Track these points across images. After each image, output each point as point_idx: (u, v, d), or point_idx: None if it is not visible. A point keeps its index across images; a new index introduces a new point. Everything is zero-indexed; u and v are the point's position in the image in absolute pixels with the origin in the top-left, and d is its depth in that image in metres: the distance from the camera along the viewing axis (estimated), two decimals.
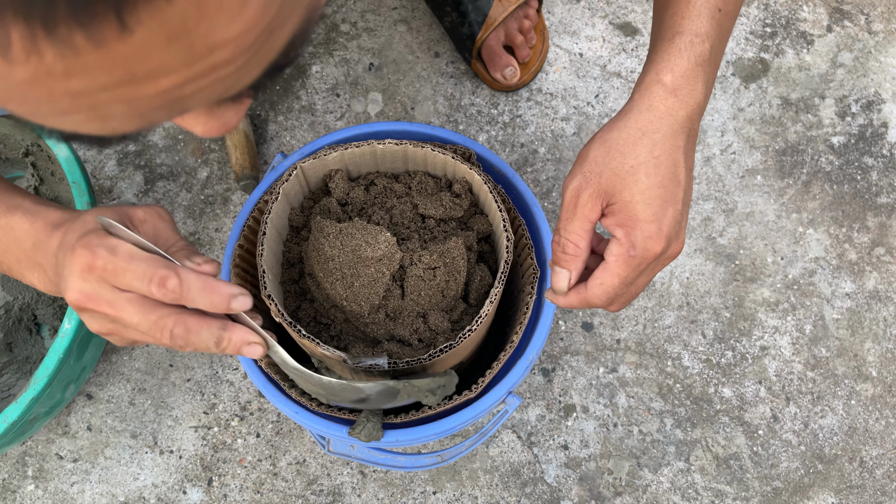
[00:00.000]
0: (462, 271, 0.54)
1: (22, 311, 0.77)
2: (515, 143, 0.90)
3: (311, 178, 0.60)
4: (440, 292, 0.54)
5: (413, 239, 0.56)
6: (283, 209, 0.58)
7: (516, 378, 0.56)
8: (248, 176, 0.85)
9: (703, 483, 0.79)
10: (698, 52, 0.44)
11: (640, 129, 0.45)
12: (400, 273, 0.54)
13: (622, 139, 0.45)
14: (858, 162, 0.90)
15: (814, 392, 0.82)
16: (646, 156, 0.44)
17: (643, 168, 0.44)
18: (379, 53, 0.94)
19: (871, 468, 0.80)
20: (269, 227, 0.55)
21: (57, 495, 0.78)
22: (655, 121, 0.45)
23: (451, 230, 0.58)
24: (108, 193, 0.88)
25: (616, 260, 0.45)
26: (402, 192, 0.60)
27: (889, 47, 0.95)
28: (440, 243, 0.55)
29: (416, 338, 0.55)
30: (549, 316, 0.57)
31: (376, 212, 0.58)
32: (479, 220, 0.59)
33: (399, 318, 0.55)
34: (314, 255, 0.54)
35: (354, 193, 0.59)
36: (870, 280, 0.86)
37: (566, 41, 0.95)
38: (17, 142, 0.78)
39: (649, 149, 0.44)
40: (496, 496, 0.78)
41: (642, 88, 0.45)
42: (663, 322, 0.84)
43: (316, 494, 0.78)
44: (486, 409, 0.56)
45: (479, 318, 0.52)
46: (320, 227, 0.54)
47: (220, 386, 0.81)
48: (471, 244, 0.57)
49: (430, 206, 0.58)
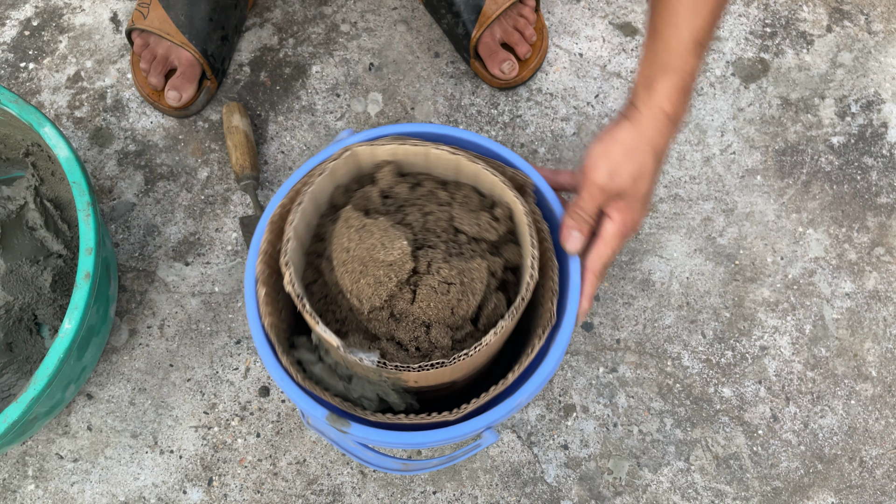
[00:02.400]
0: (478, 294, 0.54)
1: (22, 311, 0.77)
2: (515, 143, 0.90)
3: (363, 162, 0.59)
4: (450, 308, 0.54)
5: (439, 249, 0.55)
6: (327, 185, 0.58)
7: (498, 416, 0.55)
8: (248, 176, 0.85)
9: (702, 483, 0.79)
10: (688, 86, 0.56)
11: (651, 144, 0.57)
12: (415, 279, 0.54)
13: (639, 150, 0.56)
14: (858, 162, 0.90)
15: (814, 392, 0.82)
16: (653, 165, 0.57)
17: (650, 174, 0.57)
18: (379, 53, 0.94)
19: (871, 468, 0.80)
20: (307, 198, 0.56)
21: (57, 495, 0.78)
22: (660, 139, 0.57)
23: (481, 251, 0.57)
24: (109, 193, 0.88)
25: (613, 236, 0.58)
26: (445, 200, 0.59)
27: (889, 47, 0.95)
28: (464, 261, 0.55)
29: (415, 345, 0.54)
30: (550, 367, 0.56)
31: (413, 213, 0.57)
32: (511, 250, 0.58)
33: (403, 321, 0.54)
34: (335, 240, 0.55)
35: (399, 189, 0.59)
36: (870, 280, 0.86)
37: (566, 41, 0.95)
38: (18, 142, 0.78)
39: (655, 160, 0.57)
40: (496, 496, 0.78)
41: (650, 108, 0.56)
42: (663, 322, 0.84)
43: (316, 494, 0.78)
44: (458, 436, 0.55)
45: (479, 344, 0.51)
46: (347, 216, 0.55)
47: (220, 386, 0.81)
48: (495, 270, 0.56)
49: (467, 221, 0.57)
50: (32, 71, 0.93)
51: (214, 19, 0.88)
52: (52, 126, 0.69)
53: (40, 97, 0.91)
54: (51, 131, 0.69)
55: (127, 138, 0.90)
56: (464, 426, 0.55)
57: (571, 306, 0.57)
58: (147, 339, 0.83)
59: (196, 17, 0.87)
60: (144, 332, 0.83)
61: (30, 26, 0.95)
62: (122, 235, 0.86)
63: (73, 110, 0.91)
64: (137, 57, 0.90)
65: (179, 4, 0.86)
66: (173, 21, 0.86)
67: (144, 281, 0.84)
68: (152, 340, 0.83)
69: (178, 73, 0.87)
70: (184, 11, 0.86)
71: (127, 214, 0.87)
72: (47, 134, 0.69)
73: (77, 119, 0.91)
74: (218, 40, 0.89)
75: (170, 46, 0.88)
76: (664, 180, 0.89)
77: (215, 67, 0.89)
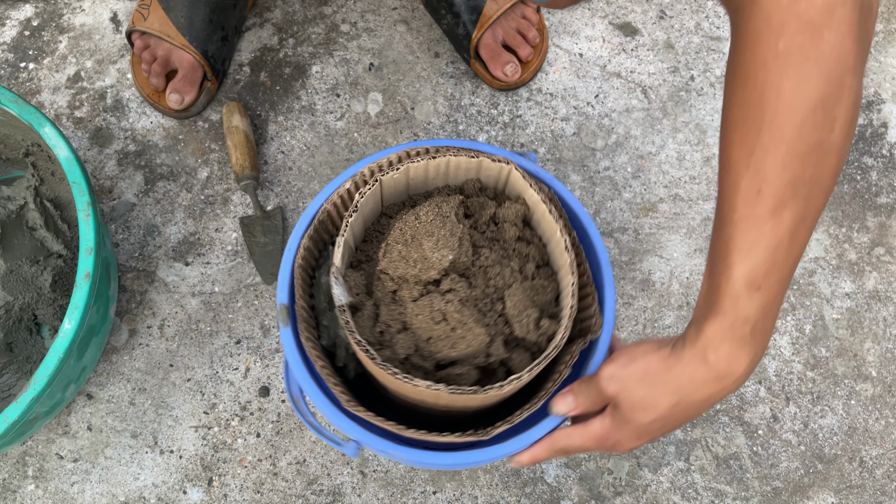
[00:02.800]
0: (471, 333, 0.54)
1: (22, 311, 0.77)
2: (515, 143, 0.90)
3: (413, 181, 0.60)
4: (450, 330, 0.54)
5: (476, 281, 0.55)
6: (375, 195, 0.59)
7: (532, 438, 0.55)
8: (248, 176, 0.85)
9: (702, 483, 0.79)
10: (743, 335, 0.45)
11: (674, 387, 0.48)
12: (445, 293, 0.54)
13: (659, 384, 0.48)
14: (858, 162, 0.90)
15: (814, 392, 0.82)
16: (666, 410, 0.48)
17: (659, 418, 0.49)
18: (379, 53, 0.94)
19: (871, 468, 0.80)
20: (363, 201, 0.57)
21: (57, 495, 0.78)
22: (690, 391, 0.47)
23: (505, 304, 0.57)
24: (109, 193, 0.88)
25: (583, 432, 0.52)
26: (517, 251, 0.58)
27: (889, 47, 0.95)
28: (482, 311, 0.54)
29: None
30: (545, 428, 0.55)
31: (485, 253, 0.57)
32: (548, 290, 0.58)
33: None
34: (398, 225, 0.56)
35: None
36: (869, 280, 0.86)
37: (566, 41, 0.95)
38: (18, 142, 0.78)
39: (670, 405, 0.48)
40: (496, 496, 0.78)
41: (694, 352, 0.46)
42: (663, 322, 0.84)
43: (316, 494, 0.78)
44: (491, 458, 0.55)
45: (460, 388, 0.51)
46: (417, 213, 0.56)
47: (220, 386, 0.81)
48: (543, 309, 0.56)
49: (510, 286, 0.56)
50: (32, 71, 0.93)
51: (214, 20, 0.88)
52: (52, 126, 0.69)
53: (40, 97, 0.91)
54: (51, 131, 0.69)
55: (127, 138, 0.90)
56: (497, 448, 0.54)
57: (606, 329, 0.56)
58: (147, 339, 0.83)
59: (196, 19, 0.87)
60: (144, 332, 0.83)
61: (30, 26, 0.95)
62: (122, 235, 0.86)
63: (73, 110, 0.91)
64: (137, 58, 0.90)
65: (179, 6, 0.86)
66: (173, 23, 0.86)
67: (144, 281, 0.84)
68: (152, 340, 0.83)
69: (180, 76, 0.87)
70: (184, 13, 0.86)
71: (127, 214, 0.87)
72: (47, 134, 0.69)
73: (77, 119, 0.91)
74: (218, 41, 0.89)
75: (170, 48, 0.88)
76: (664, 180, 0.89)
77: (216, 68, 0.89)
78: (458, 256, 0.54)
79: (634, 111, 0.92)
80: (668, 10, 0.96)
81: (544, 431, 0.54)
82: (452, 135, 0.90)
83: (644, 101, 0.92)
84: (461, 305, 0.53)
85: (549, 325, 0.54)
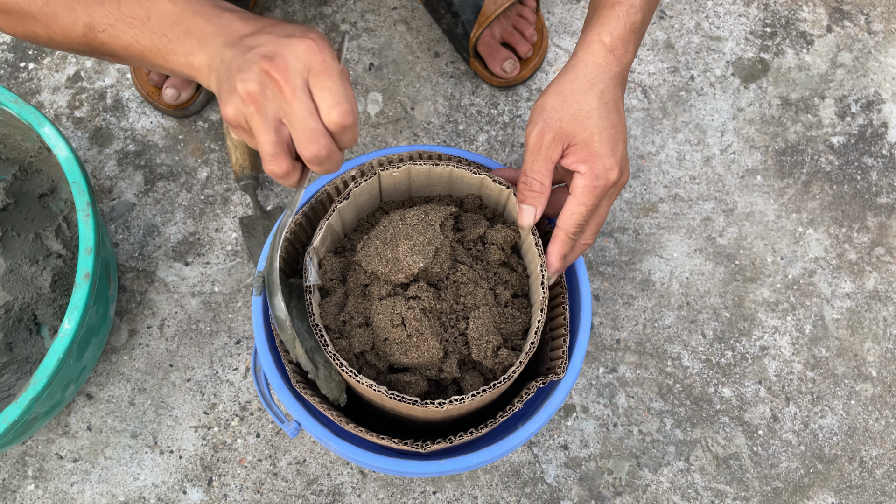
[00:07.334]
0: (432, 344, 0.54)
1: (22, 311, 0.77)
2: (515, 142, 0.90)
3: (415, 183, 0.60)
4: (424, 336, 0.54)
5: (447, 289, 0.55)
6: (372, 187, 0.59)
7: (499, 452, 0.55)
8: (247, 176, 0.85)
9: (702, 483, 0.79)
10: (632, 20, 0.53)
11: (588, 80, 0.53)
12: (409, 299, 0.54)
13: (575, 89, 0.53)
14: (858, 162, 0.90)
15: (814, 392, 0.82)
16: (597, 102, 0.52)
17: (596, 112, 0.52)
18: (379, 53, 0.94)
19: (871, 468, 0.80)
20: (352, 195, 0.57)
21: (57, 495, 0.78)
22: (599, 73, 0.53)
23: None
24: (108, 193, 0.88)
25: (583, 191, 0.52)
26: (493, 280, 0.58)
27: (889, 47, 0.95)
28: (444, 326, 0.54)
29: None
30: (484, 457, 0.55)
31: (461, 268, 0.56)
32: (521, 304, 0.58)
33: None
34: (384, 221, 0.56)
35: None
36: (870, 280, 0.86)
37: (566, 41, 0.95)
38: (17, 142, 0.78)
39: (598, 96, 0.52)
40: (496, 496, 0.78)
41: (585, 46, 0.54)
42: (663, 322, 0.84)
43: (316, 494, 0.78)
44: (458, 468, 0.55)
45: (478, 392, 0.51)
46: (404, 214, 0.56)
47: (220, 386, 0.81)
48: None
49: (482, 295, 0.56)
50: (32, 71, 0.93)
51: None
52: (52, 126, 0.69)
53: (40, 97, 0.91)
54: (50, 131, 0.69)
55: (127, 138, 0.90)
56: (431, 465, 0.55)
57: (570, 374, 0.56)
58: (147, 339, 0.83)
59: None
60: (144, 332, 0.83)
61: None
62: (122, 235, 0.86)
63: (72, 110, 0.91)
64: None
65: None
66: None
67: (144, 281, 0.84)
68: (152, 340, 0.82)
69: None
70: None
71: (127, 214, 0.87)
72: (47, 134, 0.69)
73: (77, 119, 0.91)
74: None
75: None
76: (664, 180, 0.89)
77: None
78: (430, 266, 0.54)
79: (634, 111, 0.92)
80: (668, 10, 0.96)
81: (483, 459, 0.54)
82: (452, 134, 0.90)
83: (644, 100, 0.92)
84: (422, 315, 0.53)
85: (508, 356, 0.54)
